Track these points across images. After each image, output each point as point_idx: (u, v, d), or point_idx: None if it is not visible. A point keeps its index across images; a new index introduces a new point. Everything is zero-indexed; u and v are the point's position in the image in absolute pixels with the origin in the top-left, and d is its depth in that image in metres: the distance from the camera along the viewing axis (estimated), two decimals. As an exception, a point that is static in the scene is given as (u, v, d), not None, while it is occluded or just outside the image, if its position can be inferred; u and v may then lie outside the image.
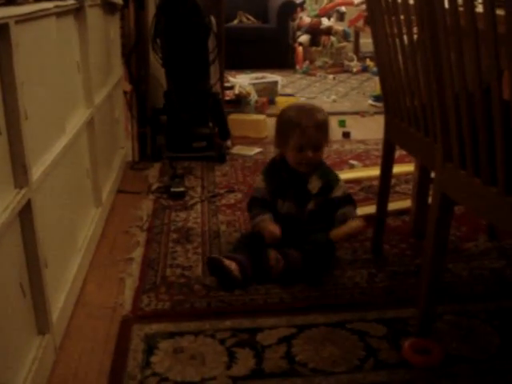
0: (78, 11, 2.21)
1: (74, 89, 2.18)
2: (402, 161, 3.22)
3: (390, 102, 2.05)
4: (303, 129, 2.07)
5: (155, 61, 3.43)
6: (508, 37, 1.14)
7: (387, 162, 2.16)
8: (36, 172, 1.57)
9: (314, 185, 2.15)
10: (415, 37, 1.72)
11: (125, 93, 3.30)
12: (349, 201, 2.16)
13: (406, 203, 2.59)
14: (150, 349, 1.66)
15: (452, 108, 1.46)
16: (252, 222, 2.21)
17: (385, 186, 2.18)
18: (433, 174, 1.91)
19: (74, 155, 2.06)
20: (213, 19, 3.45)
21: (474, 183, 1.41)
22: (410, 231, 2.42)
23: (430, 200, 2.04)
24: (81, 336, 1.76)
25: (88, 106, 2.35)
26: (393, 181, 2.89)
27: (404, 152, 3.17)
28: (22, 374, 1.43)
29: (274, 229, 2.09)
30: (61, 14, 1.93)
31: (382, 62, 2.02)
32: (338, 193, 2.15)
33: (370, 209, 2.40)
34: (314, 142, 2.09)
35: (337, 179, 2.18)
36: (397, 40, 1.86)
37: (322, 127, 2.11)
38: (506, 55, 1.17)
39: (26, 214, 1.49)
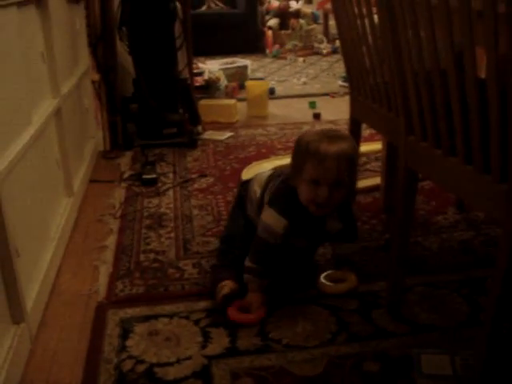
0: (39, 1, 2.20)
1: (39, 79, 2.18)
2: (371, 139, 3.26)
3: (355, 80, 2.08)
4: (321, 157, 1.64)
5: (122, 49, 3.43)
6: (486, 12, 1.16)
7: (354, 139, 2.18)
8: (2, 162, 1.58)
9: (333, 226, 1.84)
10: (375, 17, 1.74)
11: (93, 82, 3.29)
12: (350, 233, 1.90)
13: (376, 180, 2.62)
14: (125, 333, 1.68)
15: (412, 84, 1.49)
16: (252, 279, 1.79)
17: (353, 164, 2.20)
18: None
19: (42, 145, 2.06)
20: (178, 5, 3.45)
21: (435, 154, 1.44)
22: (380, 207, 2.45)
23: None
24: (57, 324, 1.76)
25: (55, 96, 2.34)
26: (363, 159, 2.94)
27: (374, 131, 3.22)
28: (-2, 362, 1.44)
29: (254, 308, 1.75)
30: (22, 3, 1.93)
31: (345, 42, 2.05)
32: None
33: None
34: (333, 176, 1.65)
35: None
36: (358, 21, 1.88)
37: (347, 160, 1.66)
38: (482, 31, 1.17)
39: (-6, 204, 1.49)
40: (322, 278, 1.86)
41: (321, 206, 1.71)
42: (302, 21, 6.97)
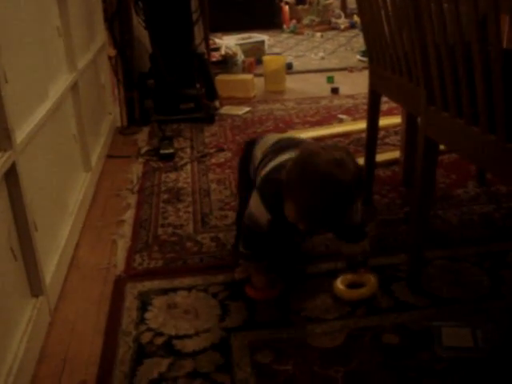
0: (55, -26, 2.18)
1: (55, 53, 2.16)
2: (390, 113, 3.22)
3: (374, 51, 2.04)
4: (305, 218, 1.50)
5: (139, 24, 3.40)
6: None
7: (373, 112, 2.16)
8: (20, 135, 1.57)
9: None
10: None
11: (109, 58, 3.27)
12: (360, 233, 1.75)
13: (396, 154, 2.60)
14: (143, 306, 1.68)
15: (433, 54, 1.45)
16: (247, 263, 1.76)
17: (372, 136, 2.18)
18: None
19: (59, 120, 2.06)
20: (195, -21, 3.42)
21: (457, 124, 1.42)
22: (399, 181, 2.43)
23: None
24: (75, 297, 1.77)
25: (71, 71, 2.33)
26: (382, 133, 2.92)
27: (393, 105, 3.18)
28: (18, 335, 1.45)
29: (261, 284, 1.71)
30: (37, -23, 1.91)
31: (365, 11, 2.01)
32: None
33: (359, 161, 2.40)
34: (319, 227, 1.64)
35: None
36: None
37: (334, 216, 1.50)
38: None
39: (11, 176, 1.49)
40: (338, 283, 1.71)
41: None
42: (319, -5, 6.90)
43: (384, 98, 2.14)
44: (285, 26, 6.72)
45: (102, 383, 1.41)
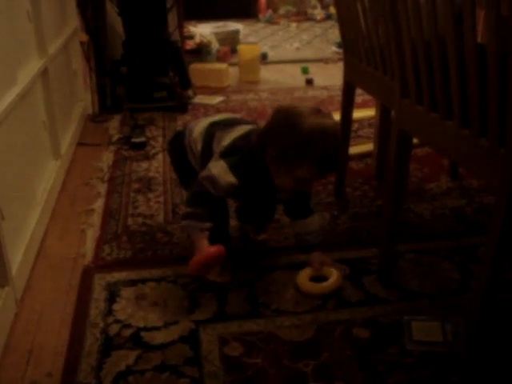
0: (25, -44, 2.13)
1: (25, 38, 2.12)
2: (365, 105, 3.22)
3: (349, 43, 2.03)
4: (325, 167, 1.56)
5: (112, 10, 3.35)
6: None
7: (347, 104, 2.15)
8: (-14, 121, 1.53)
9: (284, 195, 1.72)
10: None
11: (81, 44, 3.21)
12: (306, 208, 1.77)
13: (369, 146, 2.59)
14: (111, 297, 1.65)
15: (408, 48, 1.45)
16: (188, 226, 1.65)
17: (345, 128, 2.17)
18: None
19: (27, 106, 2.01)
20: (169, -35, 3.37)
21: (431, 118, 1.41)
22: (372, 174, 2.42)
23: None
24: (43, 288, 1.74)
25: (41, 56, 2.28)
26: (356, 125, 2.92)
27: (367, 97, 3.18)
28: (-18, 326, 1.42)
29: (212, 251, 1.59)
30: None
31: (341, 3, 1.99)
32: None
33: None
34: (325, 177, 1.66)
35: None
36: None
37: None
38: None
39: (-24, 163, 1.45)
40: (301, 277, 1.69)
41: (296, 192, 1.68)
42: (295, -15, 6.87)
43: (359, 91, 2.13)
44: (260, 16, 6.69)
45: (69, 375, 1.38)
